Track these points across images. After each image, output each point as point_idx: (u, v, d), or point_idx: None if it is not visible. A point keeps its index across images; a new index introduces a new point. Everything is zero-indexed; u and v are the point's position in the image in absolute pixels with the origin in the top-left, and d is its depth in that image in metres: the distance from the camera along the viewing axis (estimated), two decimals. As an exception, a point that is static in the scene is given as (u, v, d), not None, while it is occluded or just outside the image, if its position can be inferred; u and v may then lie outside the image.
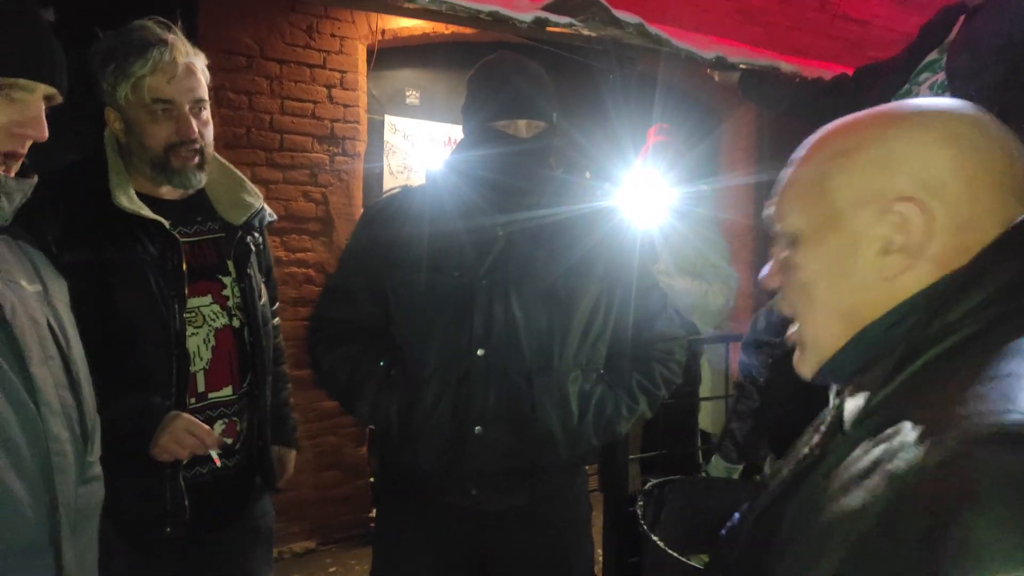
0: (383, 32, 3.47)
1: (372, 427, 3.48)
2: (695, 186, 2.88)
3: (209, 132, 1.49)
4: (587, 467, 1.70)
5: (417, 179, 3.83)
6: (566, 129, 1.68)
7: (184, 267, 1.44)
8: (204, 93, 1.47)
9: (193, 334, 1.47)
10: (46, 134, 1.00)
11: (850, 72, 2.14)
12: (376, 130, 3.83)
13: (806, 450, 0.69)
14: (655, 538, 1.61)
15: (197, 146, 1.45)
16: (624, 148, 2.12)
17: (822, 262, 0.69)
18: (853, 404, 0.64)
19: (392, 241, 1.52)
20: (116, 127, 1.44)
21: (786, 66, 2.33)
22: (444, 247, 1.48)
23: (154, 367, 1.39)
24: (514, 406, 1.45)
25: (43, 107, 1.00)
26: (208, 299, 1.51)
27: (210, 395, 1.49)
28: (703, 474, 2.31)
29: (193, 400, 1.46)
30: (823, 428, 0.69)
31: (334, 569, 3.21)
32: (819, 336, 0.72)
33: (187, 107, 1.42)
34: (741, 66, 2.29)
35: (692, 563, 1.60)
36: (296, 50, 3.21)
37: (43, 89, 0.99)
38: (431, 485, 1.51)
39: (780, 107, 2.26)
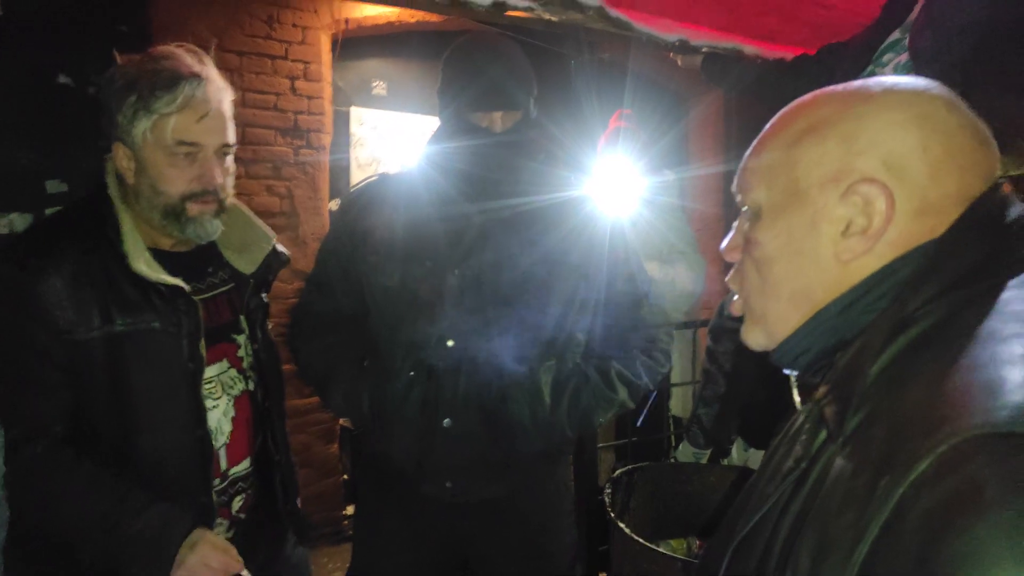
0: (347, 21, 3.41)
1: (342, 423, 3.45)
2: (658, 173, 2.86)
3: (231, 181, 1.33)
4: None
5: (386, 171, 3.80)
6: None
7: (202, 339, 1.28)
8: (232, 136, 1.31)
9: (213, 407, 1.32)
10: None
11: (812, 54, 2.13)
12: (342, 122, 3.78)
13: (790, 463, 0.65)
14: (622, 525, 1.60)
15: (217, 197, 1.29)
16: (593, 136, 2.10)
17: (781, 239, 0.67)
18: (833, 408, 0.61)
19: (366, 230, 1.50)
20: (124, 165, 1.25)
21: (749, 49, 2.33)
22: (417, 237, 1.46)
23: (176, 453, 1.25)
24: (484, 398, 1.43)
25: None
26: (225, 364, 1.37)
27: (231, 472, 1.36)
28: (672, 460, 2.31)
29: (217, 481, 1.32)
30: (803, 437, 0.65)
31: (307, 568, 3.16)
32: (769, 313, 0.70)
33: (212, 151, 1.26)
34: (704, 49, 2.28)
35: (660, 549, 1.60)
36: (256, 41, 3.14)
37: None
38: (406, 477, 1.49)
39: (742, 88, 2.25)
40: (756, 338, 0.74)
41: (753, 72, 2.22)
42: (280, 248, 1.50)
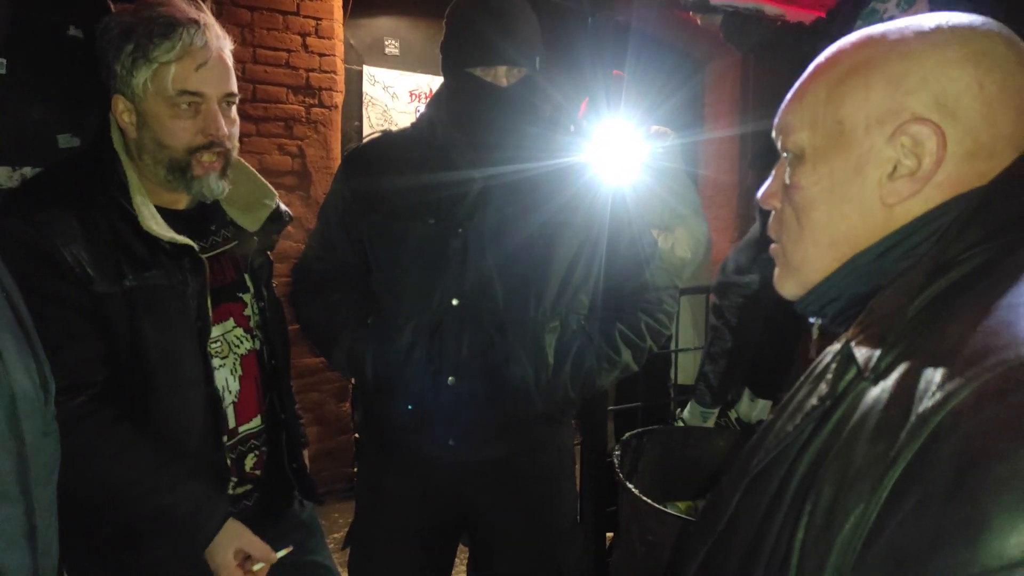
0: (358, -23, 3.36)
1: (353, 381, 3.49)
2: (659, 135, 2.80)
3: (236, 133, 1.29)
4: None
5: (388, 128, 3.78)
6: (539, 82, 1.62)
7: (208, 296, 1.27)
8: (235, 86, 1.26)
9: (221, 366, 1.31)
10: None
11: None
12: (354, 81, 3.74)
13: (814, 401, 0.63)
14: (631, 486, 1.62)
15: (224, 148, 1.24)
16: (596, 100, 2.07)
17: (823, 184, 0.65)
18: (866, 346, 0.59)
19: (369, 187, 1.49)
20: (126, 120, 1.21)
21: (771, 9, 2.27)
22: (420, 194, 1.45)
23: (189, 412, 1.25)
24: (487, 357, 1.43)
25: None
26: (231, 323, 1.35)
27: (240, 429, 1.36)
28: (680, 422, 2.32)
29: (226, 439, 1.32)
30: (828, 376, 0.63)
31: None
32: (806, 261, 0.69)
33: (216, 101, 1.22)
34: (726, 9, 2.23)
35: (668, 511, 1.61)
36: (268, -4, 3.10)
37: None
38: (409, 435, 1.50)
39: (761, 49, 2.22)
40: (789, 288, 0.72)
41: (773, 33, 2.18)
42: (283, 207, 1.48)
